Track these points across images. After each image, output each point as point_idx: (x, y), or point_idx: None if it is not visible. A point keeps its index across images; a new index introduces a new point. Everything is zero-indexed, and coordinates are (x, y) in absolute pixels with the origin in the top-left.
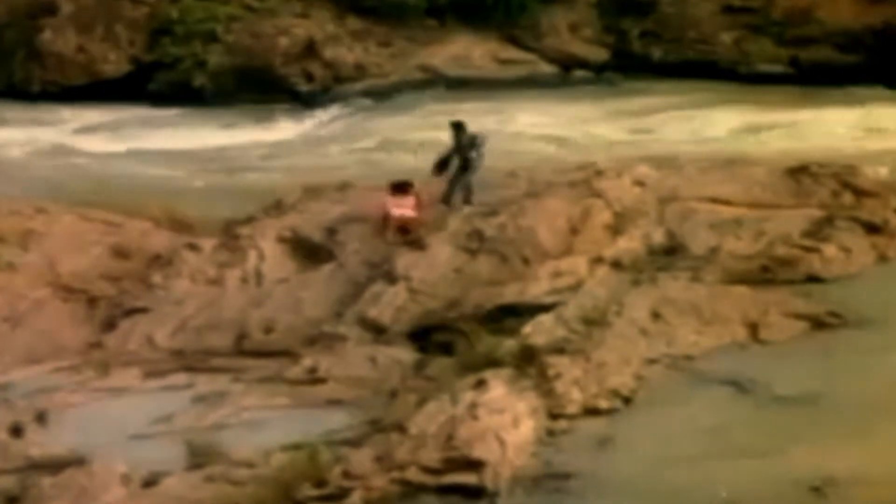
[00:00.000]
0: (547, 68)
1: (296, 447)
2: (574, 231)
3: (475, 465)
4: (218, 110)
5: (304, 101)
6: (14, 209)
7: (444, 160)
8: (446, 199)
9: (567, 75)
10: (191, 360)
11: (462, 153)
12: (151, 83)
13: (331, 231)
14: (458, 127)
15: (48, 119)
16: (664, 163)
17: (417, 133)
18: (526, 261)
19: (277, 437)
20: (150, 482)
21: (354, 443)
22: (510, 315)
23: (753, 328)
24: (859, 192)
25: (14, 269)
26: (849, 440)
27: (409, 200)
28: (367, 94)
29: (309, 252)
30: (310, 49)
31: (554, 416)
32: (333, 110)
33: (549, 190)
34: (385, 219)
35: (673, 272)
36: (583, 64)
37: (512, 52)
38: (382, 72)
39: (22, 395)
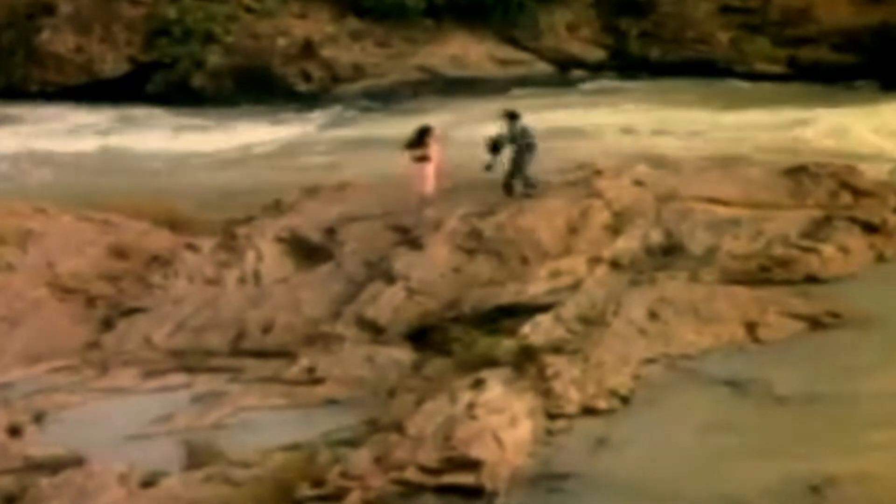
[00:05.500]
0: (545, 68)
1: (294, 447)
2: (572, 231)
3: (473, 465)
4: (216, 110)
5: (303, 102)
6: (13, 209)
7: (496, 143)
8: (507, 189)
9: (565, 75)
10: (189, 360)
11: (515, 142)
12: (150, 83)
13: (329, 231)
14: (512, 117)
15: (47, 119)
16: (662, 163)
17: None
18: (524, 261)
19: (276, 437)
20: (148, 482)
21: (353, 443)
22: (508, 315)
23: (752, 328)
24: (857, 192)
25: (13, 269)
26: (848, 440)
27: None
28: (366, 94)
29: (307, 252)
30: (308, 49)
31: (552, 416)
32: (331, 110)
33: (548, 189)
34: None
35: (671, 272)
36: (581, 64)
37: (510, 52)
38: (380, 72)
39: (20, 395)
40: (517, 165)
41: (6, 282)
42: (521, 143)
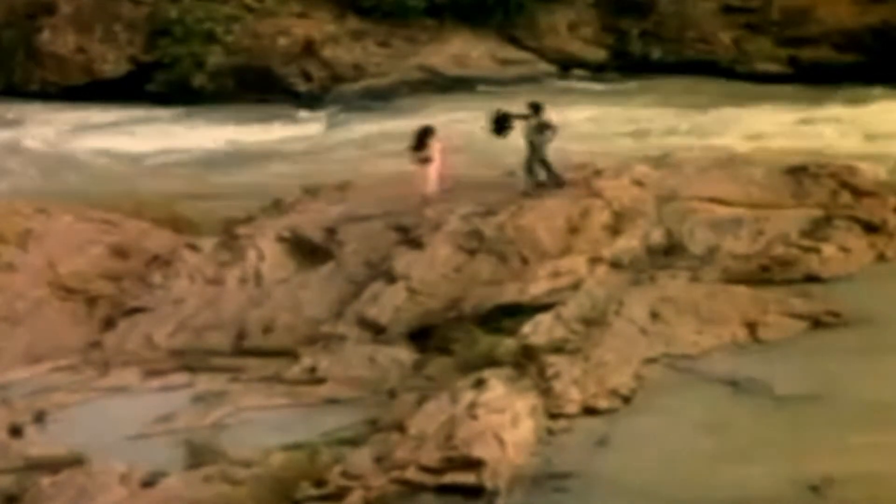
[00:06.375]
0: (546, 68)
1: (295, 447)
2: (573, 230)
3: (474, 465)
4: (217, 110)
5: (303, 101)
6: (14, 209)
7: (502, 120)
8: (543, 183)
9: (566, 75)
10: (190, 360)
11: (539, 133)
12: (150, 83)
13: (330, 231)
14: (536, 108)
15: (47, 119)
16: (663, 162)
17: None
18: (525, 260)
19: (277, 437)
20: (149, 482)
21: (354, 442)
22: (509, 315)
23: (752, 328)
24: (858, 192)
25: (14, 269)
26: (848, 440)
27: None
28: (366, 93)
29: (308, 252)
30: (308, 49)
31: (553, 416)
32: (332, 110)
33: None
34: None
35: (672, 272)
36: (582, 63)
37: (511, 52)
38: (381, 71)
39: (21, 394)
40: (536, 156)
41: (7, 282)
42: (543, 137)
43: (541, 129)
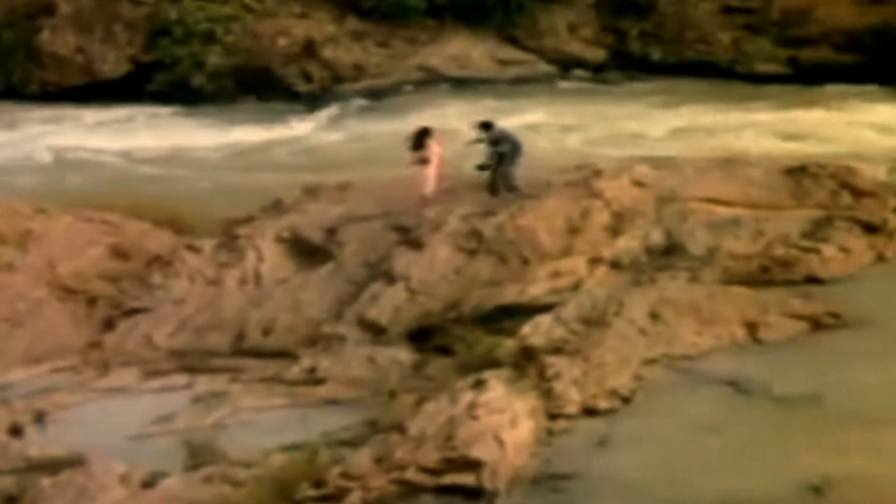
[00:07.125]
0: (546, 68)
1: (295, 447)
2: (573, 231)
3: (474, 466)
4: (216, 110)
5: (303, 102)
6: (14, 209)
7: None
8: (492, 190)
9: (566, 75)
10: (190, 361)
11: (495, 147)
12: (150, 83)
13: (330, 231)
14: (486, 126)
15: (47, 119)
16: (663, 163)
17: None
18: (525, 261)
19: (276, 438)
20: (148, 482)
21: (353, 443)
22: (509, 315)
23: (752, 328)
24: (858, 193)
25: (13, 270)
26: (848, 440)
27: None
28: (366, 94)
29: (308, 252)
30: (308, 49)
31: (553, 417)
32: (332, 110)
33: (548, 190)
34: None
35: (672, 272)
36: (581, 64)
37: (510, 52)
38: (381, 72)
39: (21, 395)
40: (498, 168)
41: (7, 282)
42: (501, 149)
43: (496, 143)
